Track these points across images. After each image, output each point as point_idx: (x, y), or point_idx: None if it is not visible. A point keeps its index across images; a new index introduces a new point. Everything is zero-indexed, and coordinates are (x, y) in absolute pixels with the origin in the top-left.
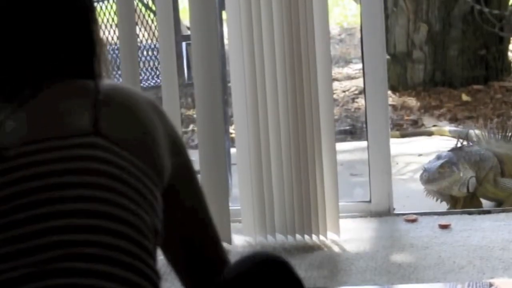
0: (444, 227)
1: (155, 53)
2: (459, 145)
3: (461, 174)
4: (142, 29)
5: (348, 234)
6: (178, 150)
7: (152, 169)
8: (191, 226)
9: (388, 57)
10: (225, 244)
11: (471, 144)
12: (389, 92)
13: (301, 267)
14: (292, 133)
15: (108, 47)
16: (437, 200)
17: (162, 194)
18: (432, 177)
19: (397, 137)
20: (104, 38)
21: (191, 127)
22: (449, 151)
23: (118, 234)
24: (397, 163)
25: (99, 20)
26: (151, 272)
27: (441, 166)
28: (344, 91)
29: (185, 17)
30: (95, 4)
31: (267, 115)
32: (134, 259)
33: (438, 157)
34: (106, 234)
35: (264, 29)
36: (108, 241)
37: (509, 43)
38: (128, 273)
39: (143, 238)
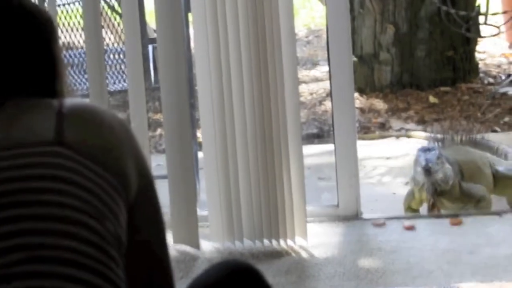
0: (408, 228)
1: (121, 56)
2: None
3: (447, 166)
4: (109, 32)
5: (316, 239)
6: (144, 171)
7: (116, 180)
8: (144, 244)
9: (355, 59)
10: (193, 250)
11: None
12: (357, 95)
13: (269, 273)
14: (259, 137)
15: (74, 50)
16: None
17: (127, 208)
18: (435, 168)
19: (377, 138)
20: (71, 41)
21: (158, 131)
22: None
23: (81, 239)
24: (364, 167)
25: (66, 23)
26: (116, 277)
27: (438, 157)
28: (311, 94)
29: (152, 20)
30: (62, 7)
31: (233, 118)
32: (98, 263)
33: (426, 149)
34: (68, 238)
35: (230, 31)
36: (71, 245)
37: (476, 44)
38: (91, 276)
39: (106, 244)
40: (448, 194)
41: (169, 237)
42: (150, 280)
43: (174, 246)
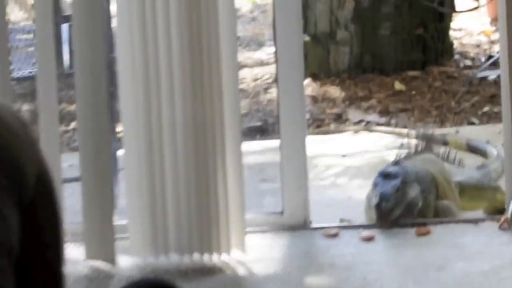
0: (368, 239)
1: (30, 36)
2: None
3: (413, 195)
4: (15, 8)
5: (256, 252)
6: (43, 171)
7: (9, 180)
8: (38, 250)
9: (307, 38)
10: (108, 266)
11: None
12: (308, 81)
13: None
14: (191, 132)
15: None
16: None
17: (20, 210)
18: (391, 205)
19: (332, 133)
20: None
21: (72, 125)
22: (394, 165)
23: None
24: (316, 166)
25: None
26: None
27: (398, 188)
28: (255, 80)
29: None
30: None
31: (160, 110)
32: None
33: (386, 175)
34: None
35: (158, 6)
36: None
37: (450, 20)
38: None
39: None
40: (420, 215)
41: (81, 251)
42: None
43: (86, 262)
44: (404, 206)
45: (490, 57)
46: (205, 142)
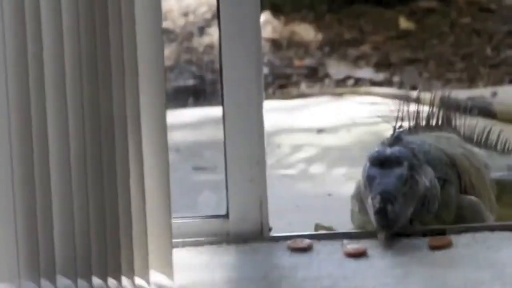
0: (354, 255)
1: None
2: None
3: (427, 183)
4: None
5: (188, 275)
6: None
7: None
8: None
9: None
10: None
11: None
12: (267, 16)
13: None
14: (88, 94)
15: None
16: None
17: None
18: (400, 208)
19: (303, 97)
20: None
21: None
22: (392, 145)
23: None
24: (278, 146)
25: None
26: None
27: (406, 179)
28: (185, 15)
29: None
30: None
31: (42, 69)
32: None
33: (384, 161)
34: None
35: None
36: None
37: None
38: None
39: None
40: (436, 216)
41: None
42: None
43: None
44: (415, 203)
45: None
46: (108, 111)
